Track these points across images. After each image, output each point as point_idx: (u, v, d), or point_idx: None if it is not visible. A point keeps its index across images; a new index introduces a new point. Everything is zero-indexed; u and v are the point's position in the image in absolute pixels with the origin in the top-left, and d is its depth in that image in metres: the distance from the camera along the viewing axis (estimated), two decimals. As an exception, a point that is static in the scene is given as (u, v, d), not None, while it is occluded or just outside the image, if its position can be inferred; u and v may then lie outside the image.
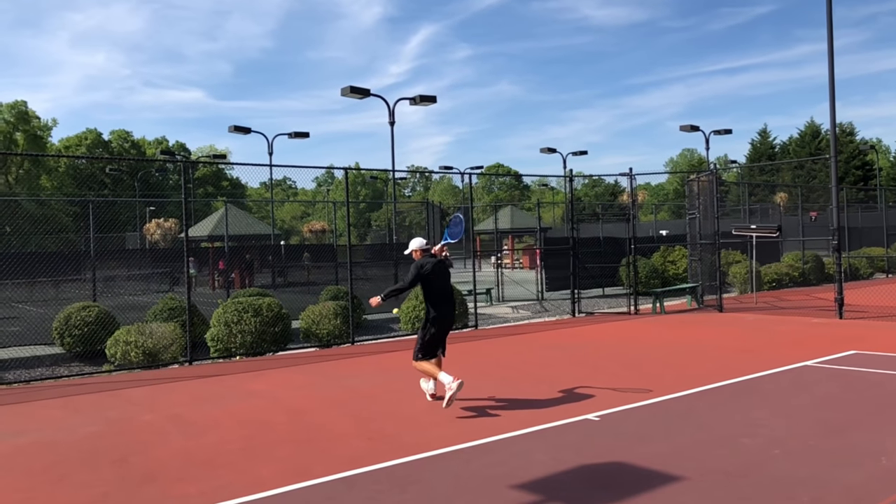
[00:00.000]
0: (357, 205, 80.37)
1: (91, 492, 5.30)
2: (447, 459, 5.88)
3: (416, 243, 7.95)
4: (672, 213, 59.73)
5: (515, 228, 40.11)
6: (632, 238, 16.91)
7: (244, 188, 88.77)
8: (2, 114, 67.93)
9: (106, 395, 9.06)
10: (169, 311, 13.90)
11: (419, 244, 7.95)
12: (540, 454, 5.94)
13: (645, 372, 9.51)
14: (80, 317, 13.31)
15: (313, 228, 52.36)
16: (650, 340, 12.43)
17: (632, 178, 16.76)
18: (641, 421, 6.94)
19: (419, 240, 8.02)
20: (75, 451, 6.40)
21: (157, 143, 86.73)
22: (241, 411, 7.83)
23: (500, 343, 12.83)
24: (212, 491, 5.24)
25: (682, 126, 34.55)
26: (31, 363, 12.69)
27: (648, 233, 34.94)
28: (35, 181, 68.63)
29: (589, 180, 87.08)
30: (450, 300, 7.82)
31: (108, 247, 26.15)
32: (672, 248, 23.52)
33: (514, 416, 7.25)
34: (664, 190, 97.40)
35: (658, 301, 16.77)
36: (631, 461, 5.67)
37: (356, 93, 23.32)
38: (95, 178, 72.35)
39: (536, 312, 18.65)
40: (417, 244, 7.94)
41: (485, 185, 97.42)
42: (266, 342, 12.39)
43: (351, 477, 5.49)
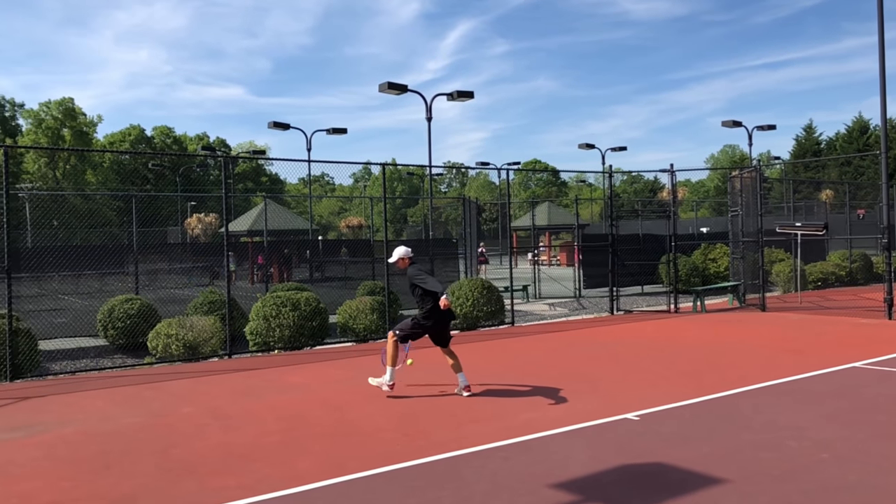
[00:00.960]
0: (393, 201, 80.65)
1: (132, 482, 5.37)
2: (485, 457, 5.83)
3: (404, 251, 8.44)
4: (713, 210, 58.70)
5: (552, 225, 39.81)
6: (672, 235, 16.63)
7: (283, 184, 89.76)
8: (50, 111, 69.72)
9: (147, 387, 9.20)
10: (209, 304, 14.07)
11: (407, 252, 8.45)
12: (579, 453, 5.86)
13: (685, 371, 9.33)
14: (122, 309, 13.55)
15: (350, 224, 52.73)
16: (691, 339, 12.21)
17: (672, 174, 16.47)
18: (682, 421, 6.80)
19: (406, 248, 8.49)
20: (118, 442, 6.50)
21: (199, 138, 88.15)
22: (278, 405, 7.88)
23: (537, 340, 12.72)
24: (250, 484, 5.27)
25: (724, 122, 33.87)
26: (76, 354, 12.96)
27: (688, 230, 34.36)
28: (81, 176, 70.30)
29: (628, 177, 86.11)
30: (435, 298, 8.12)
31: (150, 241, 26.64)
32: (713, 246, 23.08)
33: (553, 413, 7.17)
34: (704, 187, 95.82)
35: (699, 299, 16.47)
36: (672, 462, 5.55)
37: (393, 89, 23.32)
38: (138, 174, 73.82)
39: (574, 310, 18.46)
40: (405, 252, 8.44)
41: (521, 182, 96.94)
42: (304, 336, 12.46)
43: (388, 472, 5.47)
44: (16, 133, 73.34)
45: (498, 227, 55.56)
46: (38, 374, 10.48)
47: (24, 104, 76.09)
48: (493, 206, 70.27)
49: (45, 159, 67.16)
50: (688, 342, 11.87)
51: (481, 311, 14.30)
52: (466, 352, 11.47)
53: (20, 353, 10.11)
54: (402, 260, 8.39)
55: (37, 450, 6.29)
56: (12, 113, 75.60)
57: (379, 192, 72.43)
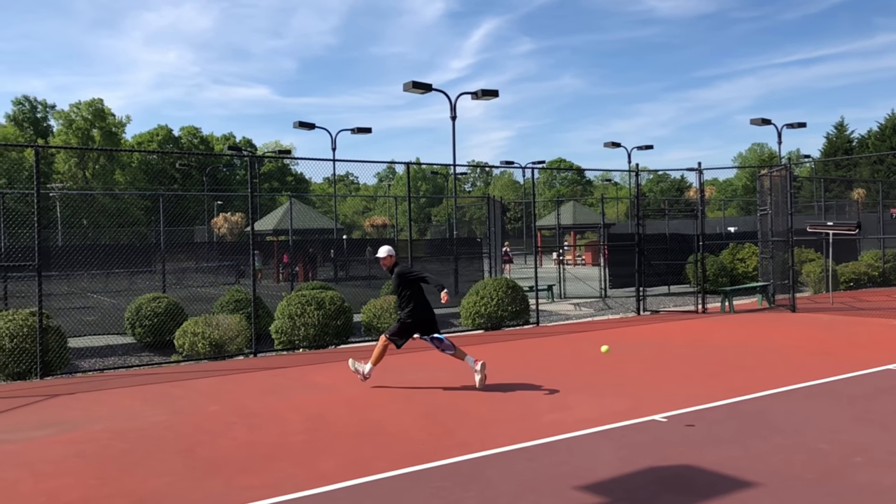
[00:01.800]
0: (417, 200, 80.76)
1: (158, 481, 5.39)
2: (510, 457, 5.77)
3: (390, 250, 8.87)
4: (741, 209, 57.92)
5: (578, 224, 39.56)
6: (700, 234, 16.41)
7: (308, 183, 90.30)
8: (80, 112, 70.85)
9: (174, 385, 9.27)
10: (235, 303, 14.17)
11: (391, 251, 8.87)
12: (606, 454, 5.78)
13: (714, 372, 9.18)
14: (150, 308, 13.68)
15: (374, 223, 52.88)
16: (719, 340, 12.03)
17: (700, 172, 16.26)
18: (712, 423, 6.68)
19: (390, 247, 8.90)
20: (144, 440, 6.55)
21: (225, 138, 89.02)
22: (303, 404, 7.89)
23: (562, 340, 12.63)
24: (274, 483, 5.27)
25: (753, 119, 33.38)
26: (104, 352, 13.12)
27: (716, 229, 33.96)
28: (110, 176, 71.33)
29: (654, 175, 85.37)
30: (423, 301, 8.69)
31: (177, 240, 26.93)
32: (741, 246, 22.75)
33: (579, 414, 7.09)
34: (732, 185, 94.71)
35: (727, 300, 16.24)
36: (701, 465, 5.45)
37: (418, 88, 23.32)
38: (166, 173, 74.73)
39: (599, 310, 18.31)
40: (391, 250, 8.87)
41: (546, 180, 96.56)
42: (328, 335, 12.49)
43: (413, 473, 5.44)
44: (47, 134, 74.65)
45: (522, 226, 55.39)
46: (67, 372, 10.62)
47: (56, 105, 77.49)
48: (517, 206, 70.05)
49: (75, 159, 68.26)
50: (716, 343, 11.69)
51: (506, 310, 14.23)
52: (491, 351, 11.42)
53: (50, 350, 10.24)
54: (390, 257, 8.77)
55: (66, 447, 6.35)
56: (44, 114, 76.94)
57: (403, 191, 72.52)
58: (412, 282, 8.59)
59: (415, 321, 8.54)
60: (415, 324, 8.56)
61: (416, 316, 8.53)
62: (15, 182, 51.87)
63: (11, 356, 10.00)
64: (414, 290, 8.58)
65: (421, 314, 8.55)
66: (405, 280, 8.58)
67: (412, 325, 8.56)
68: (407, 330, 8.60)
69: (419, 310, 8.54)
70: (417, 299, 8.55)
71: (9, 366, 10.02)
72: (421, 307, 8.57)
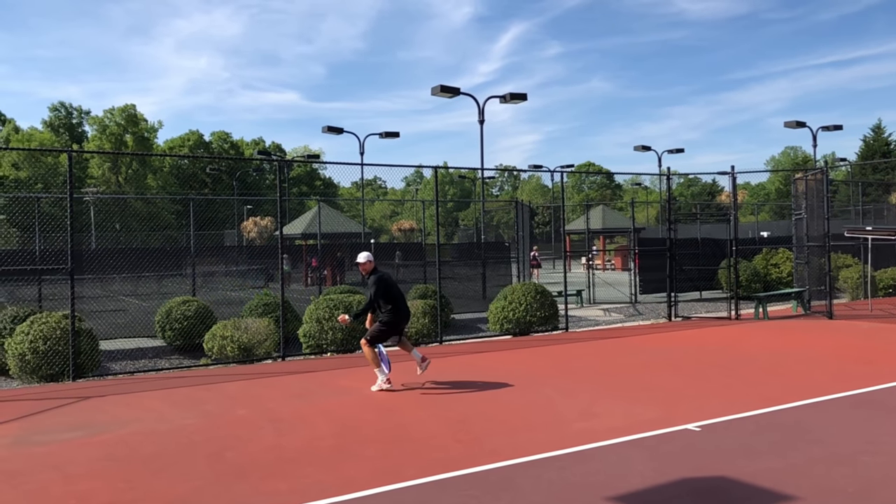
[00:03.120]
0: (445, 204, 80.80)
1: (187, 485, 5.38)
2: (541, 466, 5.66)
3: (369, 256, 9.12)
4: (774, 213, 57.00)
5: (607, 228, 39.20)
6: (733, 239, 16.10)
7: (336, 187, 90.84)
8: (114, 117, 72.13)
9: (203, 388, 9.30)
10: (263, 306, 14.23)
11: (371, 257, 9.14)
12: (638, 464, 5.64)
13: (749, 381, 8.97)
14: (180, 311, 13.79)
15: (402, 227, 53.00)
16: (754, 347, 11.77)
17: (733, 176, 15.97)
18: (747, 433, 6.50)
19: (370, 254, 9.16)
20: (173, 444, 6.55)
21: (255, 143, 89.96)
22: (331, 408, 7.86)
23: (592, 346, 12.46)
24: (302, 489, 5.22)
25: (787, 122, 32.81)
26: (135, 355, 13.25)
27: (748, 234, 33.41)
28: (142, 180, 72.46)
29: (685, 179, 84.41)
30: (405, 301, 9.16)
31: (207, 243, 27.20)
32: (775, 251, 22.32)
33: (610, 422, 6.95)
34: (765, 189, 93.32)
35: (761, 306, 15.91)
36: (737, 476, 5.29)
37: (446, 92, 23.29)
38: (197, 178, 75.72)
39: (630, 316, 18.07)
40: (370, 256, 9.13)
41: (575, 184, 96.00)
42: (356, 339, 12.46)
43: (442, 480, 5.36)
44: (82, 139, 76.13)
45: (551, 230, 55.09)
46: (98, 374, 10.72)
47: (91, 111, 79.04)
48: (545, 210, 69.70)
49: (109, 164, 69.45)
50: (751, 350, 11.44)
51: (534, 316, 14.09)
52: (520, 357, 11.32)
53: (82, 353, 10.35)
54: (369, 262, 9.07)
55: (96, 449, 6.38)
56: (79, 120, 78.51)
57: (431, 195, 72.57)
58: (390, 287, 8.94)
59: (393, 324, 8.90)
60: (393, 326, 8.92)
61: (395, 318, 8.89)
62: (51, 186, 52.91)
63: (45, 358, 10.13)
64: (392, 295, 8.92)
65: (398, 317, 8.92)
66: (384, 286, 8.89)
67: (391, 328, 8.92)
68: (386, 333, 8.93)
69: (397, 314, 8.90)
70: (395, 303, 8.92)
71: (42, 368, 10.15)
72: (399, 311, 8.92)
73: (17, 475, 5.68)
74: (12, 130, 70.77)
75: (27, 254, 15.89)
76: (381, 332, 8.89)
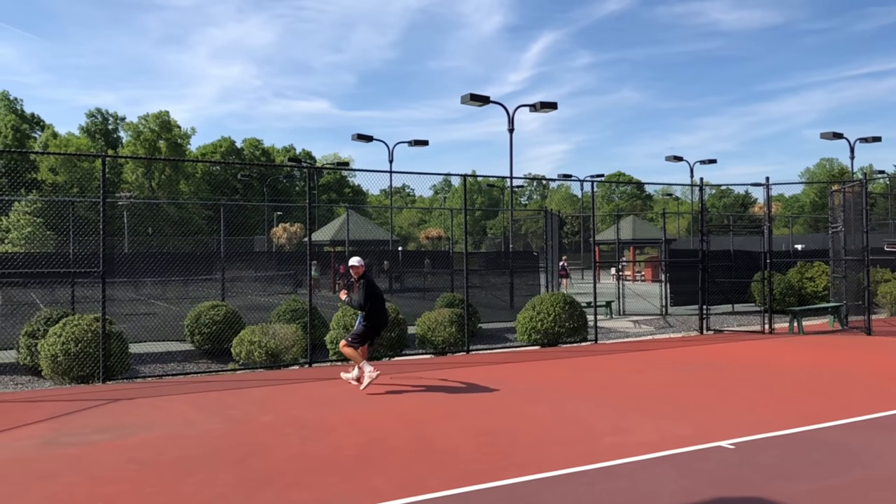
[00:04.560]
0: (473, 213, 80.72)
1: (212, 491, 5.35)
2: (568, 481, 5.53)
3: (361, 260, 9.53)
4: (808, 226, 55.96)
5: (637, 239, 38.79)
6: (767, 252, 15.78)
7: (365, 195, 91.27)
8: (148, 124, 73.34)
9: (230, 393, 9.31)
10: (291, 312, 14.25)
11: (362, 261, 9.56)
12: (669, 482, 5.49)
13: (784, 397, 8.73)
14: (209, 315, 13.87)
15: (430, 235, 53.01)
16: (789, 363, 11.49)
17: (768, 187, 15.67)
18: (783, 453, 6.30)
19: (361, 258, 9.58)
20: (199, 449, 6.54)
21: (285, 150, 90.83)
22: (356, 417, 7.80)
23: (621, 359, 12.26)
24: (325, 499, 5.16)
25: (824, 133, 32.22)
26: (164, 358, 13.34)
27: (782, 247, 32.81)
28: (175, 186, 73.51)
29: (716, 191, 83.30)
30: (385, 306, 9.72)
31: (237, 249, 27.44)
32: (810, 264, 21.85)
33: (640, 438, 6.79)
34: (798, 202, 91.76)
35: (796, 320, 15.56)
36: (774, 498, 5.11)
37: (476, 100, 23.26)
38: (228, 184, 76.61)
39: (660, 328, 17.80)
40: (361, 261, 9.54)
41: (605, 195, 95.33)
42: (383, 347, 12.42)
43: (466, 494, 5.26)
44: (117, 145, 77.54)
45: (580, 240, 54.72)
46: (128, 377, 10.81)
47: (126, 117, 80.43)
48: (574, 219, 69.28)
49: (143, 170, 70.57)
50: (786, 366, 11.16)
51: (563, 326, 13.92)
52: (547, 369, 11.17)
53: (112, 355, 10.44)
54: (362, 266, 9.49)
55: (123, 452, 6.39)
56: (115, 126, 79.98)
57: (459, 203, 72.52)
58: (377, 292, 9.45)
59: (376, 327, 9.48)
60: (374, 329, 9.49)
61: (377, 322, 9.45)
62: (86, 191, 53.92)
63: (76, 360, 10.23)
64: (378, 299, 9.41)
65: (380, 321, 9.50)
66: (373, 290, 9.41)
67: (372, 331, 9.46)
68: (368, 335, 9.44)
69: (379, 317, 9.44)
70: (378, 308, 9.43)
71: (73, 369, 10.26)
72: (380, 314, 9.48)
73: (45, 476, 5.70)
74: (51, 136, 72.30)
75: (61, 257, 16.14)
76: (363, 334, 9.36)
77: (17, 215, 44.96)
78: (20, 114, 76.05)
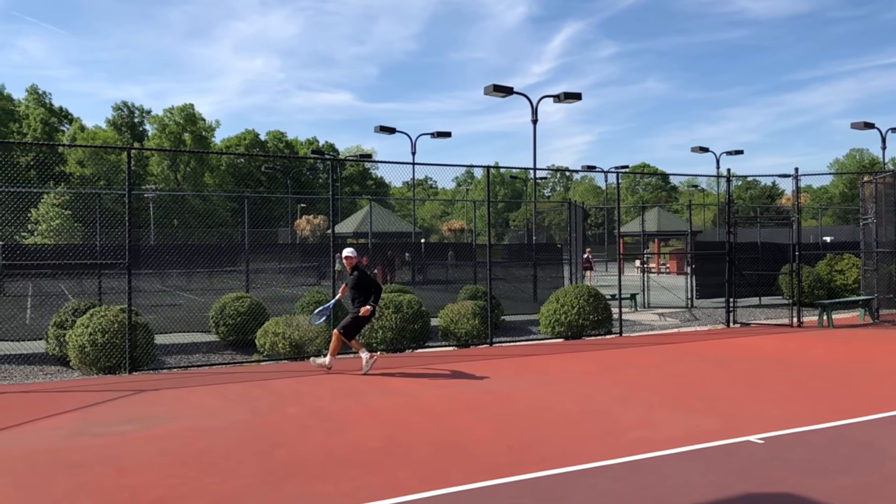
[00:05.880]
0: (495, 204, 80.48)
1: (236, 482, 5.37)
2: (594, 475, 5.47)
3: (354, 251, 10.03)
4: (838, 218, 55.01)
5: (662, 231, 38.39)
6: (797, 244, 15.51)
7: (388, 187, 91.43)
8: (173, 116, 74.02)
9: (254, 384, 9.36)
10: (315, 304, 14.26)
11: (355, 252, 10.02)
12: (696, 477, 5.40)
13: (815, 392, 8.57)
14: (233, 307, 13.95)
15: (452, 227, 52.91)
16: (819, 357, 11.29)
17: (797, 178, 15.39)
18: (814, 448, 6.18)
19: (354, 249, 10.08)
20: (223, 440, 6.57)
21: (309, 143, 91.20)
22: (380, 409, 7.79)
23: (647, 352, 12.13)
24: (350, 491, 5.15)
25: (855, 123, 31.56)
26: (189, 349, 13.45)
27: (810, 239, 32.29)
28: (199, 178, 74.15)
29: (743, 182, 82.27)
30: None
31: (261, 241, 27.61)
32: (840, 257, 21.47)
33: (667, 432, 6.69)
34: (827, 193, 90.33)
35: (826, 313, 15.29)
36: (804, 494, 5.01)
37: (499, 91, 23.10)
38: (252, 176, 77.15)
39: (686, 321, 17.60)
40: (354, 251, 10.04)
41: (629, 186, 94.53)
42: (405, 339, 12.42)
43: (491, 487, 5.22)
44: (143, 138, 78.37)
45: (604, 232, 54.36)
46: (154, 368, 10.91)
47: (151, 111, 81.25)
48: (598, 211, 68.83)
49: (168, 162, 71.27)
50: (816, 360, 10.97)
51: (587, 319, 13.80)
52: (571, 362, 11.09)
53: (138, 346, 10.54)
54: (355, 258, 9.90)
55: (149, 443, 6.44)
56: (140, 119, 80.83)
57: (481, 195, 72.34)
58: (369, 284, 9.81)
59: (366, 317, 9.82)
60: (365, 319, 9.85)
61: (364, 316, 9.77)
62: (113, 183, 54.58)
63: (103, 351, 10.34)
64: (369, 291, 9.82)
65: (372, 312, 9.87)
66: (364, 282, 9.78)
67: (363, 321, 9.87)
68: (359, 325, 9.88)
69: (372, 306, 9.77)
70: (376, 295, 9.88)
71: (100, 360, 10.37)
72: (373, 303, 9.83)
73: (73, 466, 5.76)
74: (78, 129, 73.23)
75: (89, 248, 16.34)
76: (355, 324, 9.80)
77: (46, 207, 45.66)
78: (49, 107, 77.14)
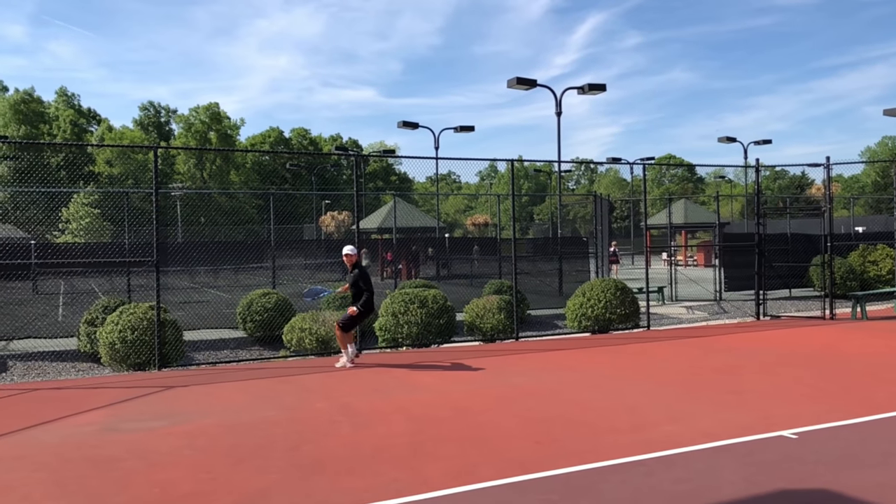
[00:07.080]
0: (520, 198, 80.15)
1: (266, 478, 5.39)
2: (624, 470, 5.41)
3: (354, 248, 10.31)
4: (870, 207, 53.95)
5: (689, 223, 37.96)
6: (829, 234, 15.23)
7: (411, 182, 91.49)
8: (198, 115, 74.71)
9: (282, 380, 9.40)
10: (341, 300, 14.33)
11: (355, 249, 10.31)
12: (729, 472, 5.31)
13: (849, 386, 8.40)
14: (260, 303, 14.05)
15: (476, 222, 52.78)
16: (853, 350, 11.07)
17: (828, 167, 15.09)
18: (849, 443, 6.05)
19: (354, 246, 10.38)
20: (252, 436, 6.60)
21: (333, 139, 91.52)
22: (407, 404, 7.78)
23: (675, 346, 11.99)
24: (378, 487, 5.14)
25: (888, 110, 30.86)
26: (217, 345, 13.58)
27: (841, 229, 31.72)
28: (225, 176, 74.82)
29: (771, 172, 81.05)
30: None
31: (287, 237, 27.78)
32: (873, 247, 21.05)
33: (697, 427, 6.60)
34: (859, 182, 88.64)
35: (859, 305, 15.00)
36: (841, 490, 4.90)
37: (523, 84, 22.94)
38: (277, 173, 77.65)
39: (714, 314, 17.38)
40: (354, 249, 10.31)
41: (655, 178, 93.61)
42: (431, 334, 12.41)
43: (520, 483, 5.18)
44: (169, 136, 79.22)
45: (630, 224, 53.89)
46: (182, 364, 11.02)
47: (177, 110, 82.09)
48: (623, 204, 68.23)
49: (194, 160, 72.00)
50: (850, 352, 10.76)
51: (614, 313, 13.68)
52: (598, 356, 10.99)
53: (167, 343, 10.65)
54: (355, 255, 10.16)
55: (178, 439, 6.49)
56: (167, 118, 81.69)
57: (505, 189, 72.13)
58: (368, 280, 10.03)
59: (366, 313, 10.05)
60: (364, 315, 10.08)
61: (368, 309, 10.00)
62: (140, 182, 55.29)
63: (133, 347, 10.47)
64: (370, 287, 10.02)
65: (370, 307, 10.06)
66: (363, 278, 9.97)
67: (364, 315, 10.07)
68: (359, 318, 10.05)
69: (368, 304, 9.95)
70: (371, 295, 10.01)
71: (130, 357, 10.50)
72: (370, 300, 10.00)
73: (104, 462, 5.82)
74: (106, 129, 74.26)
75: (118, 246, 16.56)
76: (354, 319, 9.96)
77: (76, 206, 46.40)
78: (77, 108, 78.30)
